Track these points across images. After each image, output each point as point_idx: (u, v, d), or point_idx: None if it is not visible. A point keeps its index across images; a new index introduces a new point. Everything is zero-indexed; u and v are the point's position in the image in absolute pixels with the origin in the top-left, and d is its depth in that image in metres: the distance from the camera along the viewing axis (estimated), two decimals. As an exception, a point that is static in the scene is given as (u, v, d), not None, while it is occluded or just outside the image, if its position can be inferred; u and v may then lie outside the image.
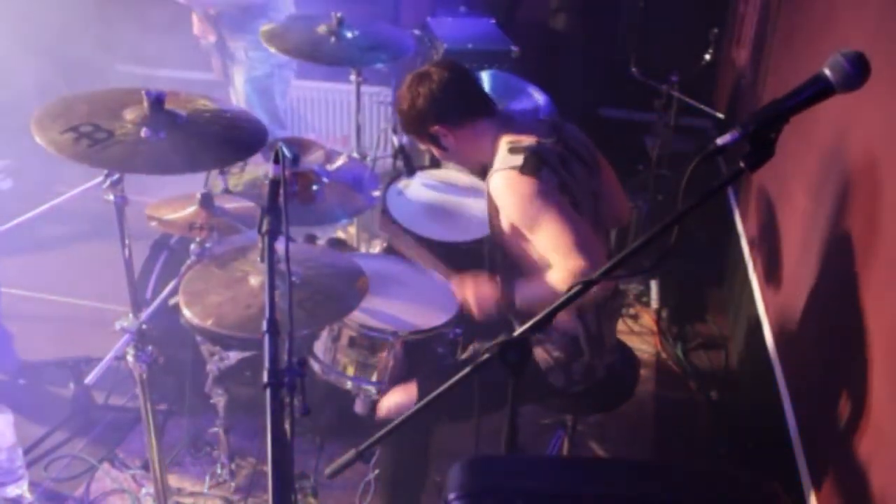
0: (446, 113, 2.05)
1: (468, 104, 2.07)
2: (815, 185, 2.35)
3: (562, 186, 1.96)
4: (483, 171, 2.16)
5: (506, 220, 1.99)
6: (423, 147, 2.19)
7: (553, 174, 1.95)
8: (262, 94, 3.71)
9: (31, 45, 4.22)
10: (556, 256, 1.92)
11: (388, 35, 2.96)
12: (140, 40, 4.32)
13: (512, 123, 2.08)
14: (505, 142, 2.02)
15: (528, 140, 1.98)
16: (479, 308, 2.12)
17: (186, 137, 1.78)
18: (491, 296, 2.10)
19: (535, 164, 1.94)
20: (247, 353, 2.37)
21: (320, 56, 2.78)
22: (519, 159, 1.94)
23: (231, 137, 1.87)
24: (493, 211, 2.03)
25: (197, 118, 1.85)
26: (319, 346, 2.24)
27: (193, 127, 1.82)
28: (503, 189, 1.95)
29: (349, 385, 2.20)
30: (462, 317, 2.23)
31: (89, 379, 2.82)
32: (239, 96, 3.72)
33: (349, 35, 2.77)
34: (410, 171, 2.64)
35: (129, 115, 1.78)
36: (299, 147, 2.45)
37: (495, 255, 2.15)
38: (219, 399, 2.42)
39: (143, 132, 1.74)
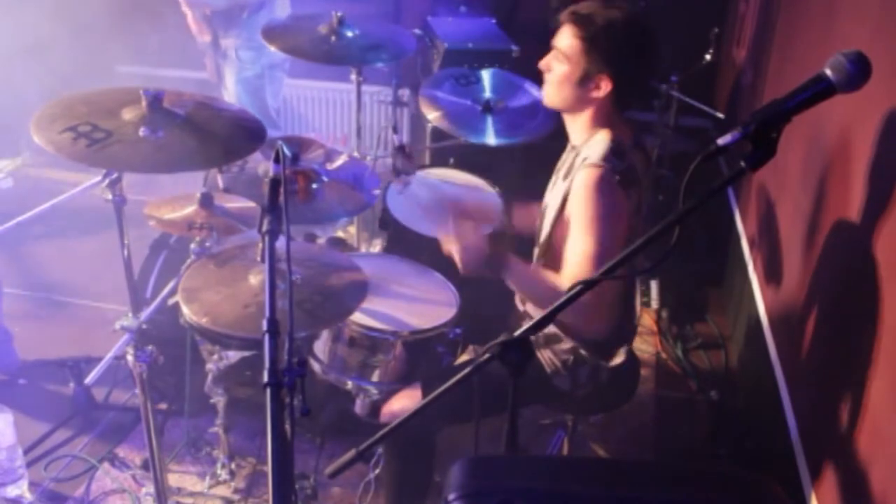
0: (626, 86, 1.89)
1: (637, 98, 1.97)
2: (815, 185, 2.35)
3: (636, 209, 1.92)
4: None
5: (570, 207, 1.90)
6: (560, 58, 1.90)
7: (636, 194, 1.90)
8: (253, 95, 3.71)
9: (31, 45, 4.21)
10: (573, 259, 1.85)
11: (388, 34, 2.96)
12: (140, 40, 4.32)
13: (617, 120, 1.97)
14: (608, 136, 1.90)
15: (626, 146, 1.90)
16: (463, 260, 1.95)
17: (185, 136, 1.78)
18: (478, 248, 1.94)
19: (629, 179, 1.86)
20: (247, 353, 2.37)
21: (321, 55, 2.78)
22: (620, 165, 1.85)
23: (230, 136, 1.87)
24: (566, 196, 1.92)
25: (195, 117, 1.85)
26: (319, 346, 2.24)
27: (192, 126, 1.82)
28: (591, 183, 1.83)
29: (349, 385, 2.20)
30: (462, 317, 2.23)
31: (89, 379, 2.82)
32: (230, 97, 3.72)
33: (350, 34, 2.78)
34: (410, 170, 2.64)
35: (128, 114, 1.78)
36: (299, 146, 2.45)
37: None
38: (219, 399, 2.41)
39: (142, 131, 1.74)
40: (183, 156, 1.74)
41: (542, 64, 1.96)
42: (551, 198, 2.04)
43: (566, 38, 1.88)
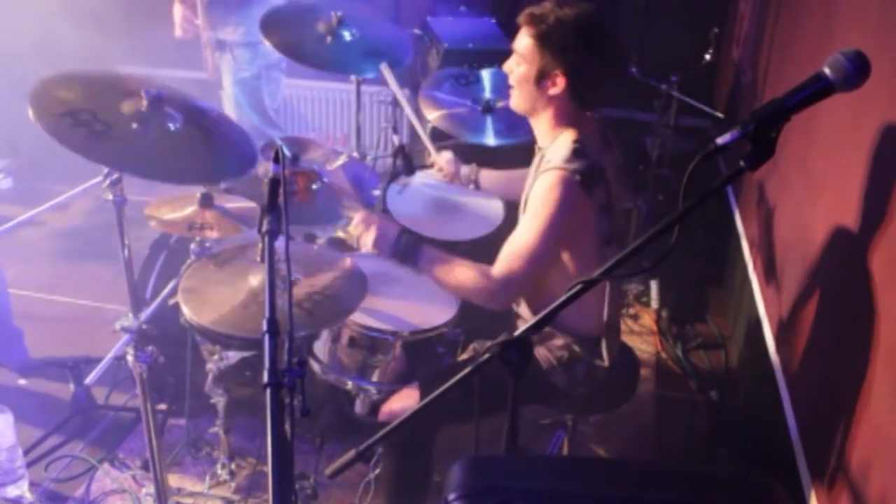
0: (582, 82, 1.92)
1: (598, 93, 1.97)
2: (815, 185, 2.35)
3: (603, 207, 1.92)
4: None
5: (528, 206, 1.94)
6: (524, 58, 1.95)
7: (603, 192, 1.91)
8: (250, 96, 3.71)
9: (32, 44, 4.22)
10: (510, 249, 1.90)
11: (386, 39, 2.91)
12: (140, 40, 4.33)
13: (581, 116, 1.99)
14: (569, 137, 1.92)
15: (591, 145, 1.92)
16: (375, 241, 1.99)
17: (181, 146, 1.78)
18: (391, 227, 2.01)
19: (592, 178, 1.88)
20: (246, 353, 2.37)
21: (316, 61, 2.73)
22: (582, 165, 1.87)
23: (223, 156, 1.88)
24: (526, 202, 1.97)
25: (192, 125, 1.85)
26: (319, 346, 2.24)
27: (187, 136, 1.82)
28: (549, 184, 1.87)
29: (349, 385, 2.20)
30: (462, 317, 2.23)
31: (89, 379, 2.82)
32: (227, 98, 3.71)
33: (347, 36, 2.73)
34: (410, 170, 2.64)
35: (127, 108, 1.78)
36: (299, 146, 2.45)
37: None
38: (219, 399, 2.42)
39: (140, 130, 1.74)
40: (180, 165, 1.75)
41: (505, 67, 2.02)
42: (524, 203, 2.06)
43: (522, 39, 1.95)
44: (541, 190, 1.90)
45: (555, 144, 1.96)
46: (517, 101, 2.02)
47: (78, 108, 1.71)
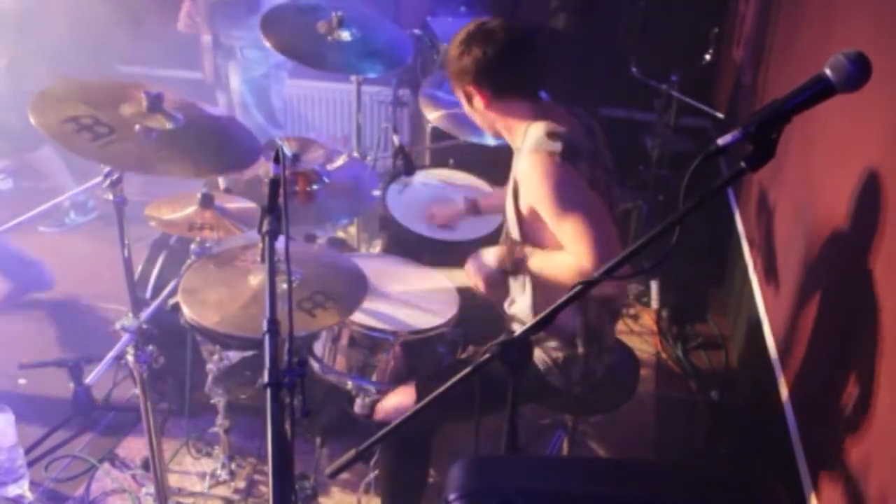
0: (487, 80, 1.96)
1: (513, 82, 1.98)
2: (815, 185, 2.35)
3: (591, 183, 1.92)
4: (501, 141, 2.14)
5: (526, 201, 1.93)
6: (456, 93, 2.08)
7: (587, 168, 1.91)
8: (259, 95, 3.70)
9: (30, 45, 4.21)
10: (571, 242, 1.86)
11: (387, 39, 2.88)
12: (140, 40, 4.32)
13: (550, 111, 2.00)
14: (541, 127, 1.93)
15: (564, 128, 1.93)
16: (486, 284, 2.10)
17: (185, 142, 1.78)
18: (491, 272, 2.08)
19: (573, 153, 1.88)
20: (246, 353, 2.37)
21: (316, 61, 2.72)
22: (558, 146, 1.87)
23: (226, 145, 1.88)
24: (515, 191, 1.96)
25: (194, 122, 1.85)
26: (319, 346, 2.24)
27: (191, 131, 1.82)
28: (536, 171, 1.87)
29: (349, 385, 2.20)
30: (462, 317, 2.23)
31: (89, 379, 2.81)
32: (234, 97, 3.70)
33: (347, 37, 2.71)
34: (410, 170, 2.64)
35: (127, 110, 1.78)
36: (299, 146, 2.45)
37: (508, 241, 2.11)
38: (219, 399, 2.42)
39: (145, 132, 1.74)
40: (185, 161, 1.75)
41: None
42: (507, 202, 2.05)
43: None
44: (530, 177, 1.89)
45: (526, 137, 1.96)
46: (486, 132, 2.12)
47: (79, 113, 1.71)
